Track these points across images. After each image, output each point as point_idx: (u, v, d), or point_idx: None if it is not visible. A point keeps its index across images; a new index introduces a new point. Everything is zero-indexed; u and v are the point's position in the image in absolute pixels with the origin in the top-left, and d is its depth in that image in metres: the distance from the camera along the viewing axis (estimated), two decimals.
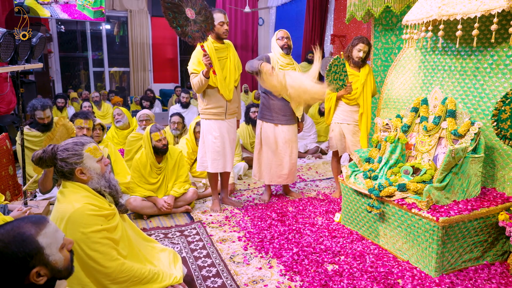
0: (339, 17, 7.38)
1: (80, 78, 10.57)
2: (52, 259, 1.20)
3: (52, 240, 1.21)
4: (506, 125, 2.60)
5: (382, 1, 3.53)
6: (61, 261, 1.22)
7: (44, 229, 1.20)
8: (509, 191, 2.63)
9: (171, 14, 2.84)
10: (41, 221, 1.23)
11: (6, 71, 2.99)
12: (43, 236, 1.19)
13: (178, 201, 3.49)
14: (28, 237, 1.16)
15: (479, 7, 2.36)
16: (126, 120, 5.01)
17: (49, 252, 1.19)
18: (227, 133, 3.40)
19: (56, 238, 1.23)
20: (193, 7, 2.92)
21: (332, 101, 3.69)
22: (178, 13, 2.86)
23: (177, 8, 2.85)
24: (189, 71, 3.27)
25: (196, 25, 2.95)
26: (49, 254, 1.19)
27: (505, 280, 2.31)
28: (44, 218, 1.26)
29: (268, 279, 2.40)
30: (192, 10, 2.91)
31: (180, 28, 2.89)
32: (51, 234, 1.22)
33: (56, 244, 1.22)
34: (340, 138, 3.72)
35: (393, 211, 2.63)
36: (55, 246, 1.21)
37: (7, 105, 5.14)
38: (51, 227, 1.23)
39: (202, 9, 2.96)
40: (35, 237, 1.17)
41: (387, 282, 2.30)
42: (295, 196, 3.89)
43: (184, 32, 2.91)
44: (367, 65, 3.65)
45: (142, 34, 10.05)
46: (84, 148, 1.84)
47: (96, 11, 8.19)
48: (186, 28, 2.91)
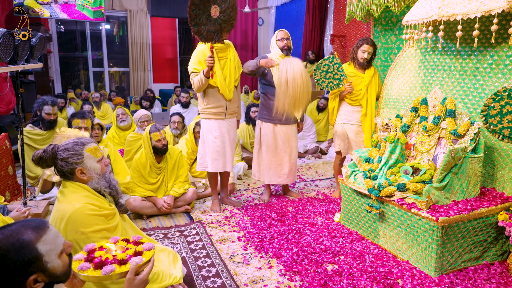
0: (338, 17, 7.39)
1: (79, 78, 10.57)
2: (50, 265, 1.16)
3: (52, 246, 1.17)
4: (495, 120, 2.63)
5: (382, 1, 3.53)
6: (59, 267, 1.19)
7: (44, 236, 1.16)
8: (508, 191, 2.63)
9: (195, 11, 2.79)
10: (41, 226, 1.18)
11: (5, 71, 2.99)
12: (42, 243, 1.15)
13: (177, 201, 3.49)
14: (28, 244, 1.12)
15: (479, 7, 2.36)
16: (129, 120, 5.01)
17: (48, 259, 1.15)
18: (227, 133, 3.40)
19: (56, 245, 1.19)
20: (221, 4, 2.88)
21: (335, 101, 3.69)
22: (203, 9, 2.81)
23: (204, 4, 2.80)
24: (189, 70, 3.28)
25: (215, 25, 2.91)
26: (48, 261, 1.15)
27: (504, 280, 2.32)
28: (44, 223, 1.21)
29: (268, 279, 2.40)
30: (218, 8, 2.86)
31: (198, 26, 2.85)
32: (51, 240, 1.18)
33: (56, 250, 1.18)
34: (343, 138, 3.72)
35: (392, 211, 2.63)
36: (54, 253, 1.17)
37: (6, 105, 5.13)
38: (51, 233, 1.19)
39: (229, 8, 2.92)
40: (34, 244, 1.13)
41: (386, 282, 2.31)
42: (295, 196, 3.89)
43: (199, 31, 2.88)
44: (372, 66, 3.64)
45: (141, 34, 10.05)
46: (84, 148, 1.84)
47: (96, 11, 8.19)
48: (203, 27, 2.87)
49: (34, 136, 3.86)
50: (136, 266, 1.39)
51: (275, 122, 3.60)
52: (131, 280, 1.38)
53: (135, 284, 1.38)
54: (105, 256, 1.45)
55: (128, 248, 1.51)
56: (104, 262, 1.42)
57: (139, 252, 1.48)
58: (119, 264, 1.41)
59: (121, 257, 1.43)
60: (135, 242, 1.57)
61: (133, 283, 1.38)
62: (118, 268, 1.40)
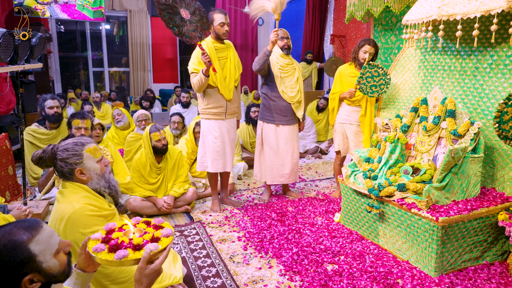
0: (338, 17, 7.39)
1: (79, 78, 10.57)
2: (45, 265, 1.14)
3: (46, 246, 1.15)
4: (507, 126, 2.59)
5: (382, 1, 3.53)
6: (56, 266, 1.17)
7: (37, 236, 1.14)
8: (508, 191, 2.63)
9: (167, 15, 2.91)
10: (34, 226, 1.16)
11: (5, 71, 2.99)
12: (35, 243, 1.13)
13: (177, 201, 3.49)
14: (20, 244, 1.10)
15: (478, 7, 2.36)
16: (126, 120, 5.01)
17: (42, 259, 1.13)
18: (227, 133, 3.40)
19: (50, 244, 1.17)
20: (187, 7, 2.99)
21: (335, 101, 3.69)
22: (173, 14, 2.93)
23: (172, 9, 2.92)
24: (189, 71, 3.28)
25: (192, 25, 3.02)
26: (42, 261, 1.13)
27: (504, 280, 2.31)
28: (38, 222, 1.19)
29: (268, 279, 2.40)
30: (186, 11, 2.99)
31: (177, 28, 2.97)
32: (45, 240, 1.15)
33: (50, 250, 1.16)
34: (342, 138, 3.72)
35: (392, 211, 2.63)
36: (49, 253, 1.15)
37: (6, 105, 5.13)
38: (44, 233, 1.16)
39: (197, 10, 3.03)
40: (26, 244, 1.11)
41: (386, 282, 2.30)
42: (295, 196, 3.89)
43: (180, 32, 2.99)
44: None
45: (141, 34, 10.05)
46: (84, 149, 1.84)
47: (96, 11, 8.18)
48: (182, 28, 2.98)
49: (39, 135, 3.88)
50: (149, 255, 1.29)
51: (277, 123, 3.61)
52: (142, 269, 1.29)
53: (146, 274, 1.29)
54: (122, 239, 1.36)
55: (147, 232, 1.42)
56: (120, 245, 1.33)
57: (156, 238, 1.37)
58: (134, 249, 1.32)
59: (137, 242, 1.34)
60: (155, 226, 1.47)
61: (144, 272, 1.29)
62: (132, 253, 1.30)
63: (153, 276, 1.31)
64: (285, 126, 3.63)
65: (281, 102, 3.56)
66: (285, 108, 3.57)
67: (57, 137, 3.95)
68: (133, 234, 1.42)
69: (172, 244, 1.97)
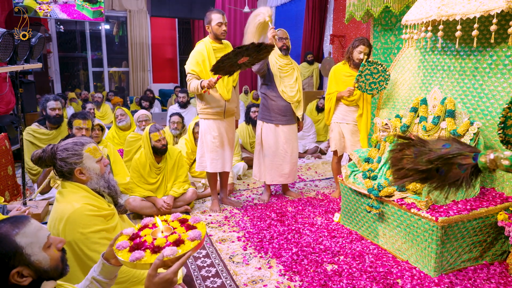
0: (338, 17, 7.38)
1: (79, 78, 10.57)
2: (34, 259, 1.14)
3: (33, 239, 1.15)
4: (511, 131, 2.59)
5: (381, 1, 3.53)
6: (46, 261, 1.17)
7: (23, 229, 1.15)
8: (508, 191, 2.63)
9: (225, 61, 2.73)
10: (21, 220, 1.17)
11: (5, 71, 2.99)
12: (22, 235, 1.13)
13: (177, 201, 3.49)
14: (5, 237, 1.11)
15: (478, 7, 2.36)
16: (128, 120, 5.01)
17: (30, 251, 1.13)
18: (226, 133, 3.41)
19: (38, 237, 1.17)
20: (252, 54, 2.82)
21: (332, 102, 3.69)
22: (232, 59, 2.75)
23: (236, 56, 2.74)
24: (186, 71, 3.27)
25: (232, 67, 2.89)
26: (30, 254, 1.13)
27: (504, 280, 2.32)
28: (25, 217, 1.20)
29: (268, 279, 2.40)
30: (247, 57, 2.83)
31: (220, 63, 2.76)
32: (32, 233, 1.16)
33: (38, 243, 1.16)
34: (339, 138, 3.73)
35: (392, 211, 2.63)
36: (37, 246, 1.15)
37: (6, 105, 5.12)
38: (32, 226, 1.17)
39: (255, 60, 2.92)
40: (12, 237, 1.12)
41: (386, 282, 2.30)
42: (295, 196, 3.89)
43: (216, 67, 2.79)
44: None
45: (141, 34, 10.05)
46: (83, 148, 1.84)
47: (95, 11, 8.18)
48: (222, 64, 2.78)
49: (39, 135, 3.88)
50: (161, 261, 1.17)
51: (276, 123, 3.61)
52: (151, 276, 1.16)
53: (154, 282, 1.15)
54: (145, 238, 1.26)
55: (175, 233, 1.29)
56: (141, 245, 1.23)
57: (181, 241, 1.23)
58: (152, 251, 1.20)
59: (158, 243, 1.22)
60: (188, 225, 1.33)
61: (153, 280, 1.15)
62: (149, 256, 1.18)
63: (163, 285, 1.17)
64: (285, 126, 3.63)
65: (281, 102, 3.56)
66: (285, 108, 3.57)
67: (58, 137, 3.95)
68: (161, 233, 1.31)
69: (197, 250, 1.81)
